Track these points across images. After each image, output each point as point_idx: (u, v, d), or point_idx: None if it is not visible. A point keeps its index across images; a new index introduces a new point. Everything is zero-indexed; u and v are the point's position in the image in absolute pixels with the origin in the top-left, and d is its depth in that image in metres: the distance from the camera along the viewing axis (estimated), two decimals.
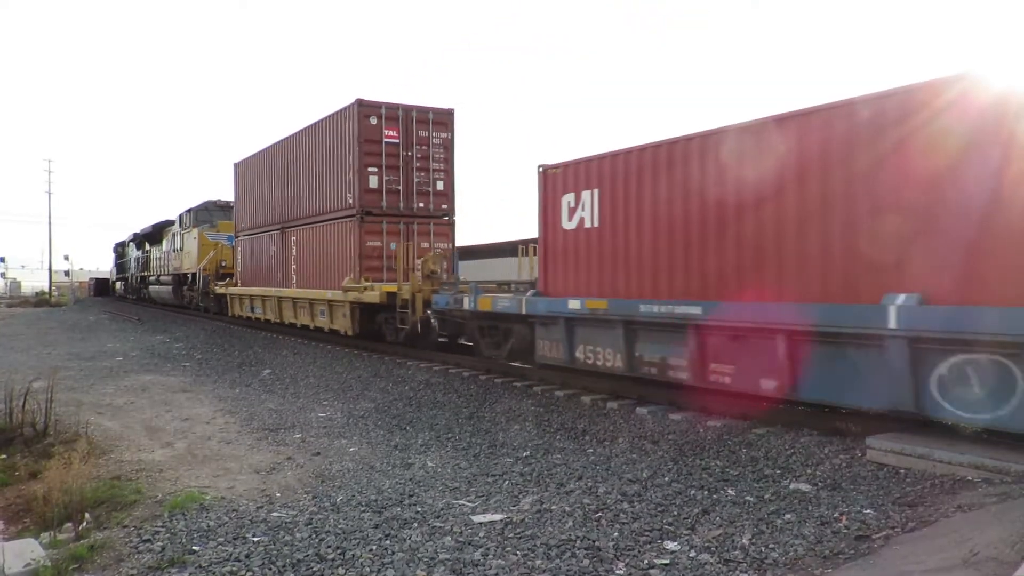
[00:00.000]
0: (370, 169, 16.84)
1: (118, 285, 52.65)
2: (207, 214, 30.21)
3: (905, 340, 6.69)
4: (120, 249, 52.19)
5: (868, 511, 5.46)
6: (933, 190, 6.67)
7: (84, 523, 6.02)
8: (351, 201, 17.07)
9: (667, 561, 4.75)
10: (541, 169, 11.38)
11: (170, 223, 35.34)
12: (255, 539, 5.31)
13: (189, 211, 31.38)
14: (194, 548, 5.15)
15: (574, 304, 10.31)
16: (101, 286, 62.92)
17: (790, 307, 7.65)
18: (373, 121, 16.87)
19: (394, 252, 16.09)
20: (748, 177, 8.20)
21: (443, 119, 17.73)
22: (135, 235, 44.40)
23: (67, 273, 77.94)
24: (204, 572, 4.77)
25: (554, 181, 11.08)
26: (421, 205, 17.51)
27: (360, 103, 16.83)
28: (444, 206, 17.90)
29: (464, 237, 35.15)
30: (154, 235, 38.35)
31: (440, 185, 17.74)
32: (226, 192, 26.37)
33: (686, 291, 8.94)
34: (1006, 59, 6.51)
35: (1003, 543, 4.24)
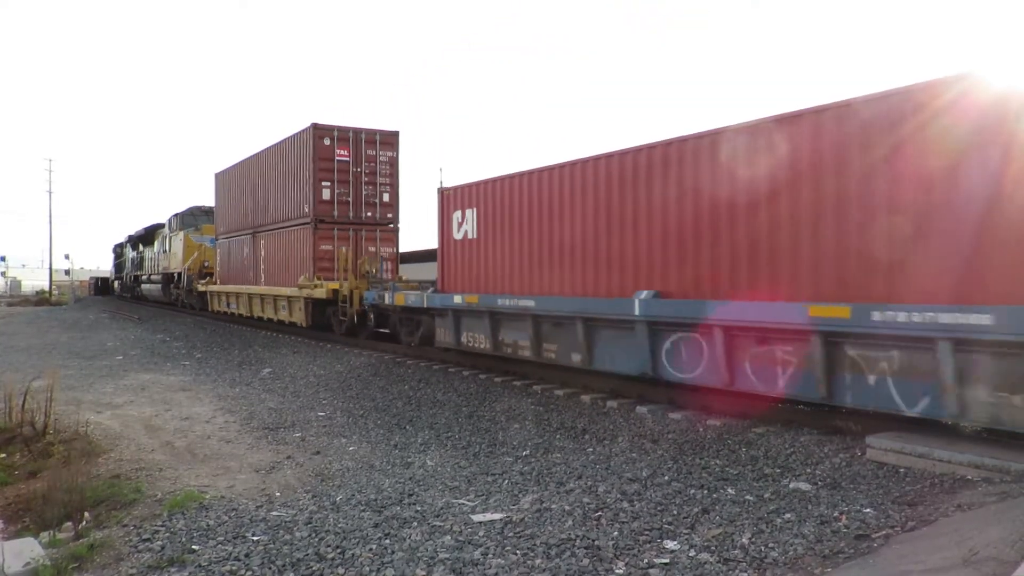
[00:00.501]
0: (323, 183, 19.48)
1: (116, 284, 53.91)
2: (192, 218, 32.60)
3: (646, 323, 9.27)
4: (119, 250, 53.67)
5: (868, 510, 5.45)
6: (670, 233, 9.28)
7: (84, 522, 6.02)
8: (307, 210, 19.71)
9: (667, 560, 4.75)
10: (439, 190, 13.89)
11: (161, 226, 37.29)
12: (255, 538, 5.31)
13: (176, 215, 33.70)
14: (194, 547, 5.15)
15: (458, 299, 12.94)
16: (101, 285, 63.00)
17: (583, 300, 10.37)
18: (327, 142, 19.49)
19: (325, 253, 19.12)
20: (565, 205, 10.94)
21: (389, 139, 20.22)
22: (130, 237, 46.68)
23: (67, 272, 77.93)
24: (204, 571, 4.77)
25: (448, 200, 13.71)
26: (369, 214, 20.16)
27: (315, 126, 19.41)
28: (389, 215, 20.48)
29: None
30: (146, 237, 40.74)
31: (386, 197, 20.34)
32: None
33: (530, 288, 11.60)
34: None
35: (1003, 542, 4.24)
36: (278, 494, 6.46)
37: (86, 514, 6.17)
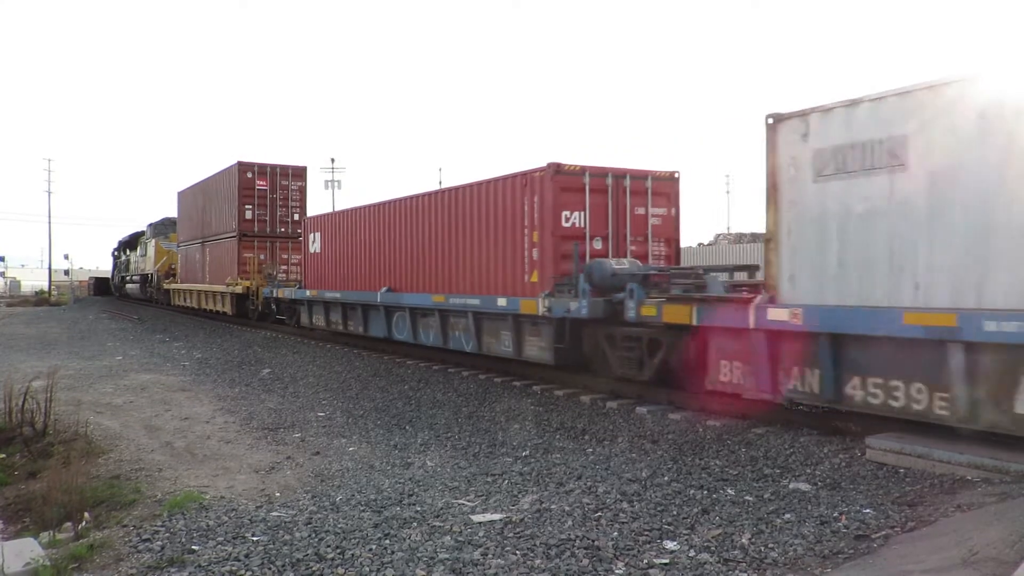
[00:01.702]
0: (246, 206, 25.72)
1: (112, 285, 56.00)
2: (163, 227, 38.45)
3: (383, 307, 15.61)
4: (116, 253, 55.18)
5: (867, 511, 5.46)
6: (395, 254, 15.44)
7: (83, 522, 6.02)
8: (234, 226, 25.77)
9: (667, 561, 4.75)
10: (304, 219, 21.38)
11: (143, 233, 42.93)
12: (254, 538, 5.31)
13: (151, 224, 39.96)
14: (193, 547, 5.15)
15: (308, 293, 19.45)
16: (101, 285, 63.03)
17: (361, 293, 16.55)
18: (249, 175, 25.73)
19: (247, 259, 25.16)
20: (354, 234, 17.22)
21: (299, 173, 26.89)
22: (120, 242, 51.79)
23: (67, 272, 77.88)
24: (203, 571, 4.77)
25: (307, 225, 20.54)
26: (282, 230, 26.18)
27: (240, 163, 25.71)
28: (299, 231, 24.93)
29: None
30: (131, 243, 46.68)
31: (296, 216, 26.04)
32: None
33: (340, 285, 17.77)
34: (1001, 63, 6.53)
35: (1002, 543, 4.24)
36: (278, 494, 6.46)
37: (86, 514, 6.17)
